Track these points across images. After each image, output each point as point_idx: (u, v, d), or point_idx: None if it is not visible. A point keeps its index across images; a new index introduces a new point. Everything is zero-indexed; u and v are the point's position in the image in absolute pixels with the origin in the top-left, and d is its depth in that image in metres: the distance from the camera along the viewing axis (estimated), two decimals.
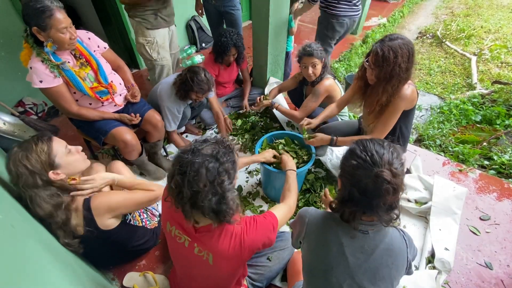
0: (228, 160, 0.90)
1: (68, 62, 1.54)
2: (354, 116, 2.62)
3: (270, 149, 1.71)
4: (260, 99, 2.28)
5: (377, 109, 1.55)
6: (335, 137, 1.74)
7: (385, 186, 0.79)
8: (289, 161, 1.53)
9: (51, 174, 1.12)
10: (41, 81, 1.47)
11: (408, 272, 0.97)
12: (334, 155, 2.24)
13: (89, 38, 1.68)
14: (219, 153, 0.89)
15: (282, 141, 1.91)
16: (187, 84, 1.88)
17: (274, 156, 1.65)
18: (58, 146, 1.18)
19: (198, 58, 3.74)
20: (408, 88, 1.47)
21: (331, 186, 2.03)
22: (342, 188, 0.92)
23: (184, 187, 0.84)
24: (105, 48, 1.77)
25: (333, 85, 2.05)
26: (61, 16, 1.38)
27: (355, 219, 0.89)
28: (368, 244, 0.89)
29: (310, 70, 1.98)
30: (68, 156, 1.20)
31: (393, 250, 0.90)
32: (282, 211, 1.18)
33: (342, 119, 2.21)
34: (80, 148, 1.30)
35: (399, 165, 0.83)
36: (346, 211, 0.90)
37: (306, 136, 1.77)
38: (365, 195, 0.83)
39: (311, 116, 2.12)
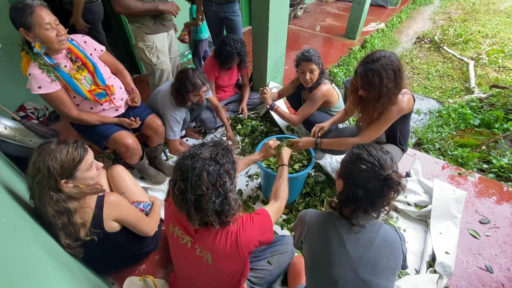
0: (227, 161, 0.93)
1: (65, 66, 1.54)
2: (353, 120, 2.63)
3: (269, 142, 1.62)
4: (264, 90, 2.29)
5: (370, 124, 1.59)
6: (319, 140, 1.77)
7: (395, 187, 0.88)
8: (283, 156, 1.54)
9: (63, 183, 1.13)
10: (39, 87, 1.48)
11: (404, 266, 1.03)
12: (334, 159, 2.25)
13: (85, 42, 1.68)
14: (218, 155, 0.91)
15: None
16: (181, 87, 1.88)
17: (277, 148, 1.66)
18: (87, 161, 1.19)
19: None
20: (403, 99, 1.48)
21: (330, 190, 2.03)
22: (345, 188, 0.98)
23: (188, 192, 0.86)
24: (102, 51, 1.77)
25: (330, 90, 2.07)
26: (43, 13, 1.38)
27: (354, 216, 0.95)
28: (366, 236, 0.94)
29: (308, 76, 1.99)
30: (86, 172, 1.20)
31: (388, 241, 0.96)
32: (274, 209, 1.22)
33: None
34: (101, 165, 1.31)
35: (397, 168, 0.93)
36: (347, 209, 0.97)
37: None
38: (370, 194, 0.91)
39: (308, 120, 2.14)
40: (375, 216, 0.97)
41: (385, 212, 0.96)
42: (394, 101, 1.47)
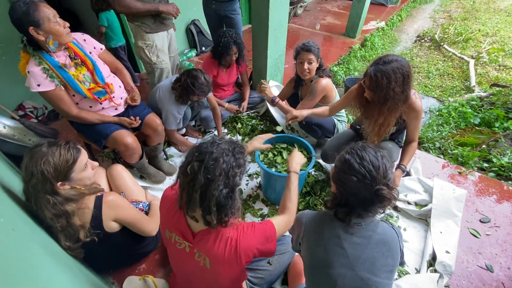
0: (241, 157, 0.96)
1: (65, 64, 1.53)
2: (347, 116, 2.61)
3: (260, 136, 1.54)
4: (263, 84, 2.25)
5: (375, 129, 1.58)
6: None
7: (385, 202, 0.88)
8: (293, 160, 1.39)
9: (59, 185, 1.12)
10: (39, 85, 1.47)
11: (401, 262, 1.02)
12: None
13: (84, 40, 1.67)
14: (235, 149, 0.95)
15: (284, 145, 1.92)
16: (189, 89, 1.93)
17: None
18: (81, 162, 1.18)
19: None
20: (417, 99, 1.52)
21: (330, 189, 2.03)
22: (338, 194, 0.98)
23: (200, 173, 0.87)
24: (101, 49, 1.76)
25: (329, 85, 2.07)
26: (46, 7, 1.39)
27: (348, 219, 0.95)
28: (363, 235, 0.94)
29: (306, 66, 2.00)
30: (82, 173, 1.19)
31: (385, 239, 0.95)
32: (281, 221, 1.15)
33: (338, 120, 2.21)
34: (96, 164, 1.30)
35: (391, 173, 0.91)
36: (341, 211, 0.97)
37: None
38: (362, 203, 0.91)
39: (305, 120, 2.12)
40: (371, 215, 0.96)
41: (381, 212, 0.96)
42: (414, 107, 1.51)
